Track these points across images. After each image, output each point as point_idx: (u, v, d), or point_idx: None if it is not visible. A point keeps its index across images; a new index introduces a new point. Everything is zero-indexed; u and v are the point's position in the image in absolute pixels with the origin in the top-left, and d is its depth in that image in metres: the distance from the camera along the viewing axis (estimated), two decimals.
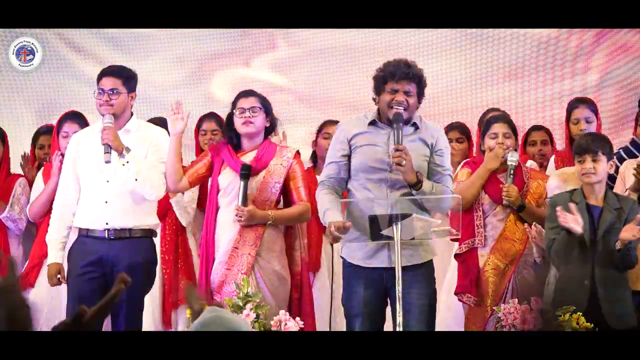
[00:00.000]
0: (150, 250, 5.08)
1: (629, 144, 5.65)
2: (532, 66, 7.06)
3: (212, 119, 6.08)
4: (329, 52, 7.25)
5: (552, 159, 5.79)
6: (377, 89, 4.63)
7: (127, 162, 4.95)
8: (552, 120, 6.78)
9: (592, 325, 4.51)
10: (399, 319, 4.27)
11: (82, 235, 5.03)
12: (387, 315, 4.66)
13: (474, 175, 5.27)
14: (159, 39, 7.37)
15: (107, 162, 4.92)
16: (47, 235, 5.13)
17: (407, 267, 4.47)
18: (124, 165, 4.95)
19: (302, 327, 4.75)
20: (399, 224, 4.27)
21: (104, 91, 5.03)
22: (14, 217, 5.69)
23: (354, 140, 4.62)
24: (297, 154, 5.23)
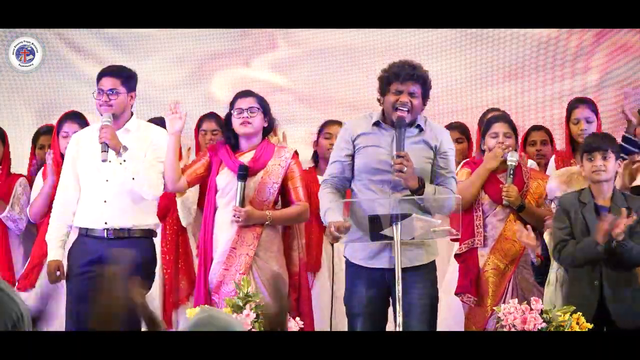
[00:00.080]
0: (149, 250, 5.07)
1: (621, 141, 5.65)
2: (532, 66, 7.05)
3: (212, 119, 6.07)
4: (329, 52, 7.24)
5: (552, 159, 5.79)
6: (381, 89, 4.60)
7: (124, 160, 4.95)
8: (552, 120, 6.77)
9: (592, 325, 4.50)
10: (399, 319, 4.28)
11: (82, 234, 5.03)
12: (389, 316, 4.66)
13: (473, 175, 5.27)
14: (159, 39, 7.36)
15: (104, 160, 4.92)
16: (47, 234, 5.12)
17: (410, 268, 4.48)
18: (121, 164, 4.95)
19: (302, 327, 4.74)
20: (399, 224, 4.26)
21: (103, 91, 5.03)
22: (14, 217, 5.69)
23: (358, 140, 4.61)
24: (295, 154, 5.23)
